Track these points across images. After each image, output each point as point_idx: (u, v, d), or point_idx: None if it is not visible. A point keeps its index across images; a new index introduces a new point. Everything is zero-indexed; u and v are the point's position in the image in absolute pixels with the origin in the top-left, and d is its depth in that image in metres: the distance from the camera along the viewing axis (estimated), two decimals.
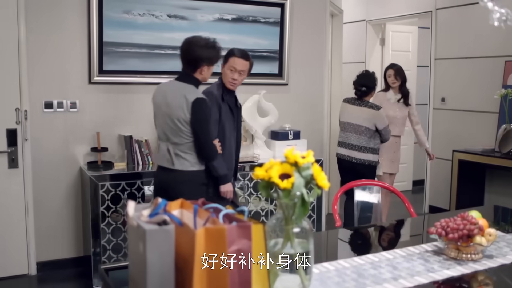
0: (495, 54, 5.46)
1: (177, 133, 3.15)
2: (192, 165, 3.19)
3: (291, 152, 1.57)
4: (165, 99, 3.20)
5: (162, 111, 3.21)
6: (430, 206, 6.33)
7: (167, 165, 3.22)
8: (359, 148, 4.69)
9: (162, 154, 3.25)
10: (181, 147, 3.18)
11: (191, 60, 3.15)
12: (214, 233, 1.37)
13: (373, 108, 4.67)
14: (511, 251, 2.20)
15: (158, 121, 3.29)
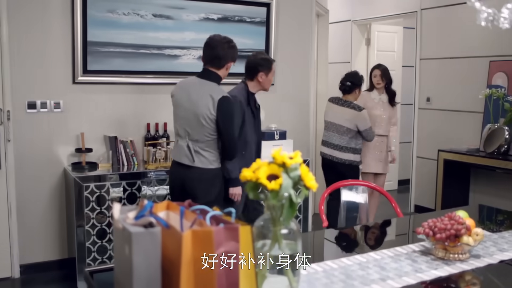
0: (479, 54, 5.50)
1: (199, 130, 3.20)
2: (211, 163, 3.25)
3: (279, 153, 1.55)
4: (189, 96, 3.23)
5: (185, 108, 3.25)
6: (416, 205, 6.36)
7: (186, 162, 3.25)
8: (340, 148, 4.75)
9: (181, 151, 3.28)
10: (202, 145, 3.23)
11: (217, 57, 3.23)
12: (201, 235, 1.36)
13: (355, 109, 4.71)
14: (498, 250, 2.21)
15: (179, 118, 3.31)
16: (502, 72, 5.25)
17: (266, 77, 3.61)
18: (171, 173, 3.46)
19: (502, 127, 5.05)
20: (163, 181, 4.09)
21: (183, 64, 4.52)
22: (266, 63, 3.61)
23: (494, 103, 5.20)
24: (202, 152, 3.23)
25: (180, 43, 4.49)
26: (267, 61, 3.63)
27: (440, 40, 5.98)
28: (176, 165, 3.35)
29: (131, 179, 4.00)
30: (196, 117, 3.19)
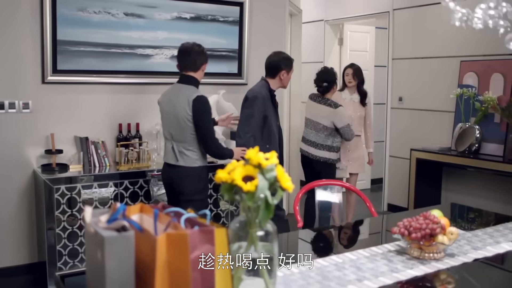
0: (450, 54, 5.57)
1: (181, 131, 3.44)
2: (194, 162, 3.48)
3: (255, 154, 1.53)
4: (169, 101, 3.50)
5: (167, 112, 3.52)
6: (389, 204, 6.41)
7: (172, 162, 3.51)
8: (315, 145, 4.80)
9: (168, 152, 3.56)
10: (185, 145, 3.47)
11: (192, 61, 3.47)
12: (176, 238, 1.32)
13: (331, 106, 4.74)
14: (472, 249, 2.22)
15: (164, 122, 3.58)
16: (472, 72, 5.32)
17: (287, 75, 3.99)
18: (162, 173, 3.72)
19: (473, 126, 5.12)
20: (135, 182, 4.03)
21: (155, 64, 4.47)
22: (288, 62, 4.00)
23: (465, 102, 5.27)
24: (185, 152, 3.46)
25: (152, 43, 4.43)
26: (289, 60, 4.02)
27: (412, 40, 6.04)
28: (165, 165, 3.63)
29: (102, 181, 3.93)
30: (177, 119, 3.43)
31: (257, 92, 3.86)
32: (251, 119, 3.80)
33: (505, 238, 2.40)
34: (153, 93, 4.50)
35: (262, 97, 3.83)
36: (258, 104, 3.81)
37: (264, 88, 3.90)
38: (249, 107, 3.83)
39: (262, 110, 3.82)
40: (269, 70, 3.99)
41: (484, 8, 1.63)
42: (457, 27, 5.29)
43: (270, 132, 3.87)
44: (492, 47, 5.10)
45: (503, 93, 4.96)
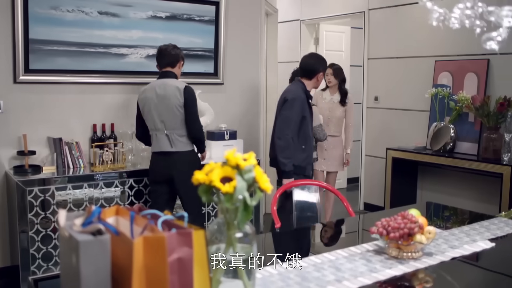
0: (425, 54, 5.62)
1: (173, 118, 3.73)
2: (186, 146, 3.81)
3: (232, 155, 1.51)
4: (156, 94, 3.73)
5: (155, 104, 3.74)
6: (365, 203, 6.44)
7: (167, 149, 3.75)
8: None
9: (161, 141, 3.76)
10: (177, 131, 3.76)
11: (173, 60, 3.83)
12: (153, 241, 1.30)
13: None
14: (449, 247, 2.23)
15: (154, 114, 3.76)
16: (447, 71, 5.37)
17: (322, 76, 4.16)
18: (152, 164, 3.87)
19: (447, 125, 5.17)
20: (111, 183, 3.98)
21: (130, 63, 4.41)
22: (324, 63, 4.20)
23: (440, 102, 5.32)
24: (179, 138, 3.76)
25: (127, 42, 4.38)
26: (324, 62, 4.21)
27: (387, 40, 6.08)
28: (156, 155, 3.83)
29: (77, 182, 3.86)
30: (169, 108, 3.71)
31: (296, 94, 3.98)
32: (291, 121, 3.92)
33: (481, 236, 2.42)
34: (128, 93, 4.45)
35: (301, 99, 3.96)
36: (297, 106, 3.94)
37: (301, 90, 4.02)
38: (289, 109, 3.94)
39: (300, 112, 3.94)
40: (306, 72, 4.10)
41: (461, 8, 1.63)
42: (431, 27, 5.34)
43: (306, 133, 4.02)
44: (466, 47, 5.16)
45: (477, 93, 5.02)
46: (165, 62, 3.84)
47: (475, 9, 1.66)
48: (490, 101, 4.79)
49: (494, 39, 1.57)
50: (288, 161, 3.88)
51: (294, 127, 3.92)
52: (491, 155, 4.73)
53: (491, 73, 5.01)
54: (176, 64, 3.86)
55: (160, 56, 3.85)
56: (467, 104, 4.92)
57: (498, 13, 1.68)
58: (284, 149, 3.89)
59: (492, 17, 1.71)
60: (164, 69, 3.84)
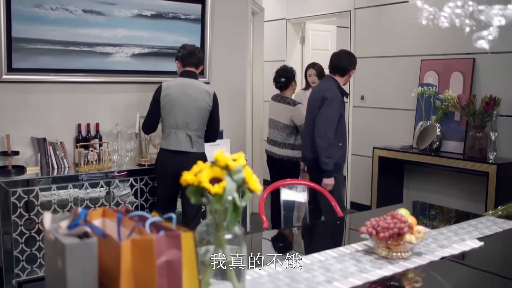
0: (411, 53, 5.63)
1: (198, 120, 3.80)
2: (203, 147, 3.89)
3: (221, 155, 1.48)
4: (187, 93, 3.77)
5: (183, 103, 3.75)
6: (352, 202, 6.45)
7: (186, 149, 3.78)
8: (278, 144, 4.85)
9: (180, 140, 3.78)
10: (198, 133, 3.83)
11: (200, 62, 3.93)
12: (142, 244, 1.27)
13: (289, 104, 4.82)
14: (438, 247, 2.23)
15: (175, 112, 3.77)
16: (433, 70, 5.39)
17: (353, 73, 4.20)
18: (164, 162, 3.83)
19: (434, 124, 5.19)
20: (96, 184, 3.93)
21: (115, 62, 4.36)
22: (355, 60, 4.21)
23: (426, 101, 5.33)
24: (198, 140, 3.83)
25: (112, 40, 4.32)
26: (355, 59, 4.22)
27: (373, 39, 6.08)
28: (171, 153, 3.80)
29: (61, 183, 3.81)
30: (197, 109, 3.78)
31: (334, 92, 4.01)
32: (332, 120, 3.95)
33: (470, 235, 2.42)
34: (113, 92, 4.40)
35: (339, 97, 4.00)
36: (336, 103, 3.97)
37: (336, 87, 4.05)
38: (329, 107, 3.97)
39: (339, 110, 3.98)
40: (339, 68, 4.11)
41: (452, 6, 1.62)
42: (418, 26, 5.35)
43: (343, 130, 4.08)
44: (452, 46, 5.18)
45: (462, 92, 5.04)
46: (193, 62, 3.88)
47: (465, 8, 1.65)
48: (476, 100, 4.81)
49: (485, 38, 1.56)
50: (330, 160, 3.93)
51: (334, 125, 3.97)
52: (477, 154, 4.75)
53: (477, 72, 5.03)
54: (199, 66, 3.95)
55: (190, 54, 3.88)
56: (453, 103, 4.94)
57: (488, 12, 1.68)
58: (327, 149, 3.93)
59: (482, 16, 1.71)
60: (189, 69, 3.88)
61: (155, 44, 4.41)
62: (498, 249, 2.44)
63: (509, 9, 1.72)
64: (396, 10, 5.78)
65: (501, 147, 4.78)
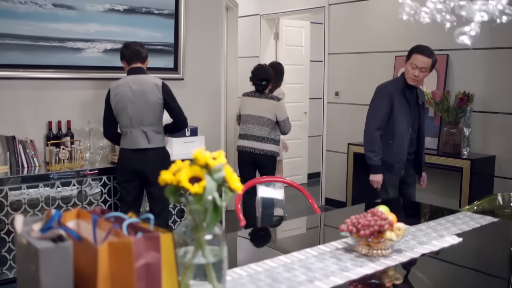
0: (385, 49, 5.64)
1: (152, 115, 3.74)
2: (161, 142, 3.85)
3: (201, 153, 1.43)
4: (134, 89, 3.71)
5: (132, 101, 3.70)
6: (327, 198, 6.45)
7: (143, 146, 3.73)
8: (261, 139, 4.83)
9: (136, 138, 3.73)
10: (154, 128, 3.77)
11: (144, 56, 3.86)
12: (119, 247, 1.22)
13: (273, 99, 4.87)
14: (418, 244, 2.22)
15: (127, 111, 3.71)
16: None
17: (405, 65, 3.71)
18: (124, 161, 3.79)
19: None
20: (68, 183, 3.83)
21: (87, 58, 4.26)
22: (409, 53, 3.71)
23: None
24: (155, 135, 3.78)
25: (83, 36, 4.22)
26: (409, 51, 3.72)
27: (347, 35, 6.08)
28: (130, 152, 3.75)
29: (32, 182, 3.70)
30: (149, 104, 3.72)
31: (383, 85, 3.79)
32: (374, 112, 3.76)
33: (448, 232, 2.42)
34: (85, 88, 4.31)
35: (387, 90, 3.68)
36: (380, 96, 3.73)
37: (395, 82, 3.77)
38: (372, 101, 3.83)
39: (385, 104, 3.66)
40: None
41: (435, 1, 1.60)
42: (392, 22, 5.37)
43: (394, 128, 3.67)
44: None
45: (436, 88, 5.07)
46: (136, 58, 3.81)
47: (446, 3, 1.64)
48: (450, 96, 4.84)
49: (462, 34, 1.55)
50: (374, 155, 3.70)
51: (379, 119, 3.70)
52: (451, 150, 4.79)
53: (451, 69, 5.07)
54: (145, 60, 3.87)
55: (131, 51, 3.81)
56: (427, 99, 4.96)
57: (469, 8, 1.66)
58: (369, 142, 3.75)
59: (461, 12, 1.69)
60: (134, 65, 3.81)
61: (127, 39, 4.32)
62: (476, 245, 2.44)
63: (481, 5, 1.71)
64: (370, 6, 5.79)
65: (475, 143, 4.83)
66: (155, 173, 3.66)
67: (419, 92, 3.73)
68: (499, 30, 2.54)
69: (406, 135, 3.68)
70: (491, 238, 2.52)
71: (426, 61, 3.54)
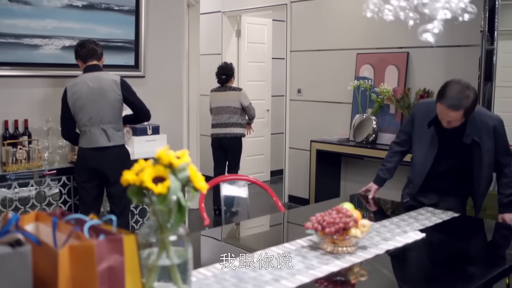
0: (347, 47, 5.68)
1: (112, 112, 3.68)
2: (122, 140, 3.78)
3: (165, 153, 1.40)
4: (92, 87, 3.64)
5: (91, 99, 3.63)
6: (290, 195, 6.46)
7: (103, 144, 3.65)
8: (231, 125, 5.71)
9: (96, 136, 3.65)
10: (114, 125, 3.71)
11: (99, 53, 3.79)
12: (80, 250, 1.18)
13: (236, 90, 5.76)
14: (382, 240, 2.24)
15: (85, 110, 3.64)
16: (368, 64, 5.47)
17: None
18: (83, 161, 3.71)
19: (370, 117, 5.27)
20: (26, 183, 3.73)
21: (44, 55, 4.14)
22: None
23: (362, 94, 5.40)
24: (115, 132, 3.72)
25: (40, 32, 4.10)
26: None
27: (309, 32, 6.10)
28: (89, 151, 3.67)
29: None
30: (108, 102, 3.66)
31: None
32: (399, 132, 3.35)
33: (412, 227, 2.45)
34: (43, 86, 4.19)
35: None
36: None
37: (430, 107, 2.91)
38: None
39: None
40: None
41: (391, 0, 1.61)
42: (353, 20, 5.41)
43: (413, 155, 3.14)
44: (386, 40, 5.27)
45: (397, 85, 5.13)
46: (92, 56, 3.74)
47: (410, 1, 1.64)
48: (410, 93, 4.91)
49: (430, 31, 1.56)
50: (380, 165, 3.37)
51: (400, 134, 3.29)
52: None
53: (411, 66, 5.15)
54: (101, 58, 3.81)
55: (86, 50, 3.74)
56: (388, 96, 5.03)
57: (431, 6, 1.67)
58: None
59: (425, 9, 1.70)
60: (91, 63, 3.73)
61: (86, 36, 4.21)
62: (439, 240, 2.48)
63: (444, 2, 1.72)
64: (331, 3, 5.82)
65: None
66: (115, 172, 3.58)
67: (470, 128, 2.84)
68: (459, 28, 2.57)
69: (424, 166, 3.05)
70: (453, 233, 2.56)
71: (453, 115, 2.70)
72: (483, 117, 2.85)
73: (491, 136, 2.84)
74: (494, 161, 2.91)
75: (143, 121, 4.04)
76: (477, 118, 2.83)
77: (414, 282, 2.04)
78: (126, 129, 4.25)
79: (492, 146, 2.86)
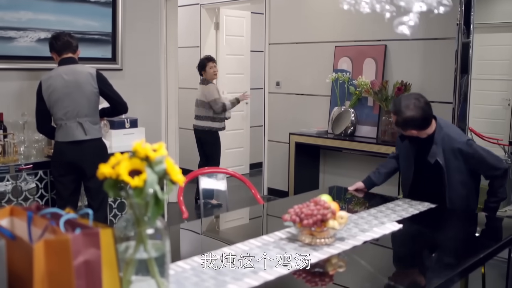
0: (325, 39, 5.70)
1: (88, 106, 3.65)
2: (99, 133, 3.76)
3: (141, 145, 1.39)
4: (68, 80, 3.59)
5: (66, 92, 3.58)
6: (269, 188, 6.48)
7: (80, 138, 3.62)
8: (200, 118, 5.78)
9: (72, 130, 3.61)
10: (91, 119, 3.68)
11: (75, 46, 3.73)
12: (56, 245, 1.17)
13: (203, 83, 5.77)
14: (360, 231, 2.25)
15: (60, 103, 3.59)
16: (346, 57, 5.49)
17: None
18: (59, 154, 3.67)
19: (348, 109, 5.29)
20: (1, 178, 3.68)
21: (19, 48, 4.08)
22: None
23: (340, 86, 5.43)
24: (92, 125, 3.69)
25: (15, 24, 4.04)
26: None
27: (288, 25, 6.10)
28: (66, 144, 3.64)
29: None
30: (84, 95, 3.62)
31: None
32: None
33: (389, 218, 2.47)
34: (18, 79, 4.13)
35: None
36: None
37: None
38: None
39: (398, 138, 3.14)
40: None
41: None
42: (331, 12, 5.41)
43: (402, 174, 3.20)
44: (364, 33, 5.29)
45: (375, 78, 5.16)
46: (67, 49, 3.68)
47: None
48: (388, 86, 4.95)
49: (406, 23, 1.57)
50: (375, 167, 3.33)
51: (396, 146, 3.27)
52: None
53: (388, 59, 5.18)
54: (76, 50, 3.75)
55: (61, 42, 3.67)
56: (366, 88, 5.06)
57: None
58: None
59: (401, 2, 1.71)
60: (66, 56, 3.68)
61: (62, 28, 4.16)
62: (416, 231, 2.51)
63: None
64: None
65: None
66: (92, 166, 3.57)
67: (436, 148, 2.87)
68: (436, 21, 2.60)
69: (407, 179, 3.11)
70: (430, 223, 2.60)
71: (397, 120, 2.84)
72: (449, 139, 2.86)
73: (457, 157, 2.84)
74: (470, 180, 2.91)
75: (120, 114, 4.01)
76: (445, 139, 2.86)
77: (392, 273, 2.06)
78: (104, 123, 4.21)
79: (462, 166, 2.85)
